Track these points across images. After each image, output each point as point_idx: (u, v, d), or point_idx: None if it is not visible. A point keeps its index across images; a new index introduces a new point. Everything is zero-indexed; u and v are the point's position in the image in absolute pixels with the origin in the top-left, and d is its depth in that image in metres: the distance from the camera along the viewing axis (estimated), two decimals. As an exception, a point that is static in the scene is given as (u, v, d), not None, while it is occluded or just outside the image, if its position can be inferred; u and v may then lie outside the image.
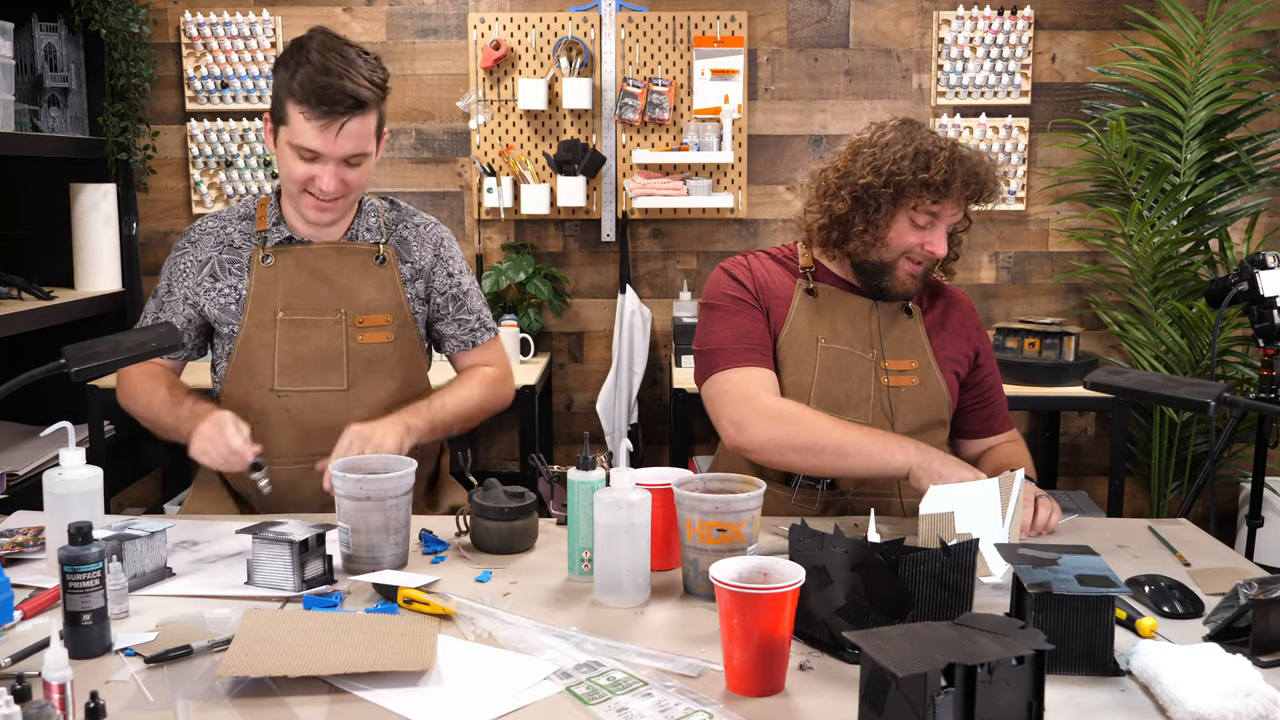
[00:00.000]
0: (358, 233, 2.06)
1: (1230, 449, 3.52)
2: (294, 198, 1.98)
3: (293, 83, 1.87)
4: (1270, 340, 2.53)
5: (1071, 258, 3.80)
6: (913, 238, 1.91)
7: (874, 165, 1.89)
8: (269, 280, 2.00)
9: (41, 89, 3.36)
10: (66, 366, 1.63)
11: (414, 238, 2.10)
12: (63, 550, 1.33)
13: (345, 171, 1.93)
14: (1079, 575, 1.34)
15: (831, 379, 1.94)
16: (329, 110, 1.86)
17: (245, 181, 3.77)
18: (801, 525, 1.42)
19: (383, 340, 2.03)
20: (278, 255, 2.01)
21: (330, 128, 1.88)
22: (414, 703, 1.23)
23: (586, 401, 3.86)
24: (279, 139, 1.94)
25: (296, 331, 1.99)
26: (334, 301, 2.01)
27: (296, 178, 1.93)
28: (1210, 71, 3.49)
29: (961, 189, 1.87)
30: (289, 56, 1.90)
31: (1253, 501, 2.69)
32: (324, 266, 2.02)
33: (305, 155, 1.91)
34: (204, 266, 2.03)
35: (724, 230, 3.80)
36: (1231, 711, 1.16)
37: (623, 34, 3.69)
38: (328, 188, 1.93)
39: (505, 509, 1.72)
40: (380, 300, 2.04)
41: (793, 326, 1.97)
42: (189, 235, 2.07)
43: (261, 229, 2.03)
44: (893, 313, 2.01)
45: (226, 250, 2.04)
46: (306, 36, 1.93)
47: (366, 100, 1.89)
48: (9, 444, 3.15)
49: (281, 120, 1.92)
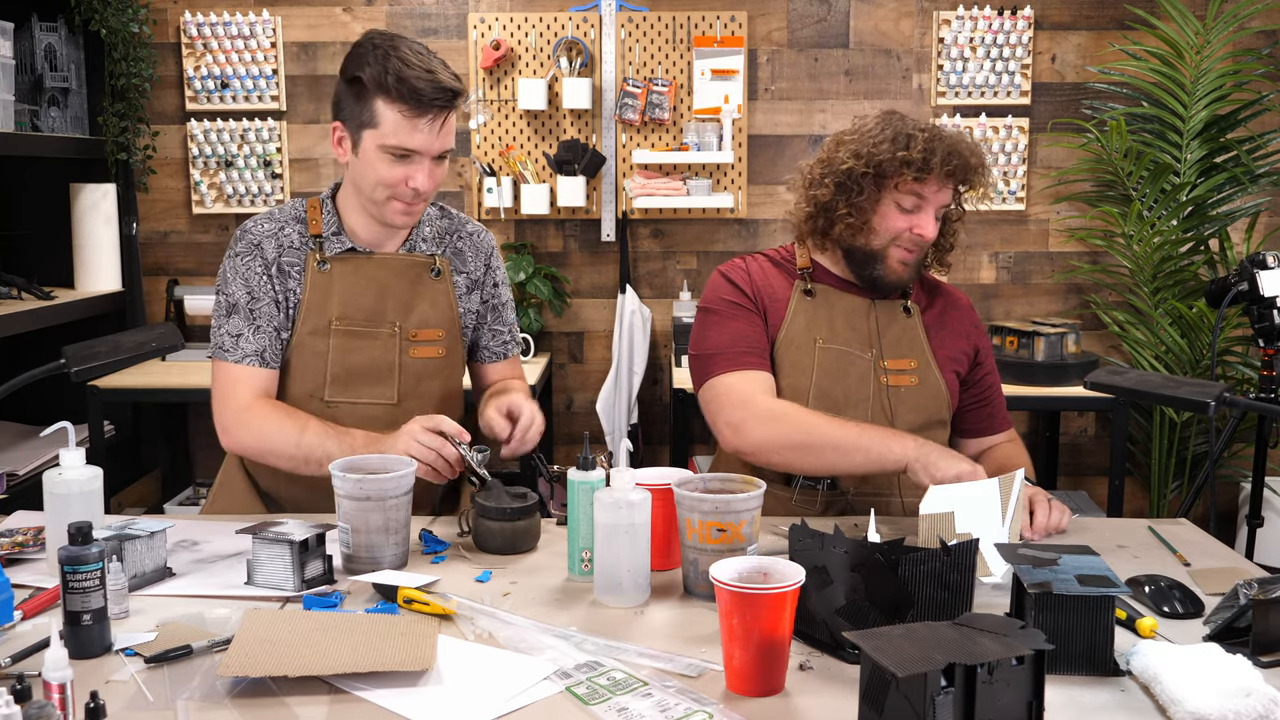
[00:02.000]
0: (415, 244, 2.01)
1: (1230, 449, 3.52)
2: (379, 204, 1.90)
3: (386, 79, 1.80)
4: (1270, 340, 2.53)
5: (1071, 258, 3.80)
6: (900, 221, 1.91)
7: (854, 150, 1.91)
8: (324, 287, 1.94)
9: (41, 89, 3.36)
10: (66, 366, 1.64)
11: (468, 248, 2.06)
12: (63, 550, 1.33)
13: (435, 169, 1.90)
14: (1079, 575, 1.34)
15: (830, 379, 1.94)
16: (431, 103, 1.82)
17: (245, 181, 3.77)
18: (801, 525, 1.42)
19: (433, 355, 2.00)
20: (334, 262, 1.95)
21: (434, 123, 1.84)
22: (414, 703, 1.23)
23: (586, 401, 3.86)
24: (361, 144, 1.86)
25: (350, 342, 1.95)
26: (389, 314, 1.97)
27: (390, 181, 1.86)
28: (1210, 71, 3.49)
29: (942, 165, 1.86)
30: (367, 57, 1.83)
31: (1253, 501, 2.69)
32: (381, 277, 1.97)
33: (399, 155, 1.85)
34: (271, 266, 1.94)
35: (724, 230, 3.80)
36: (1231, 711, 1.16)
37: (623, 34, 3.69)
38: (425, 186, 1.87)
39: (507, 509, 1.72)
40: (434, 315, 2.00)
41: (790, 328, 1.97)
42: (246, 239, 1.95)
43: (316, 233, 1.96)
44: (892, 312, 2.01)
45: (287, 251, 1.95)
46: (375, 36, 1.87)
47: (461, 91, 1.86)
48: (9, 444, 3.15)
49: (367, 124, 1.84)
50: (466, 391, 2.13)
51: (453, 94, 1.84)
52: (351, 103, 1.86)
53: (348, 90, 1.87)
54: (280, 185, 3.78)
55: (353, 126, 1.87)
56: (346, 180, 1.97)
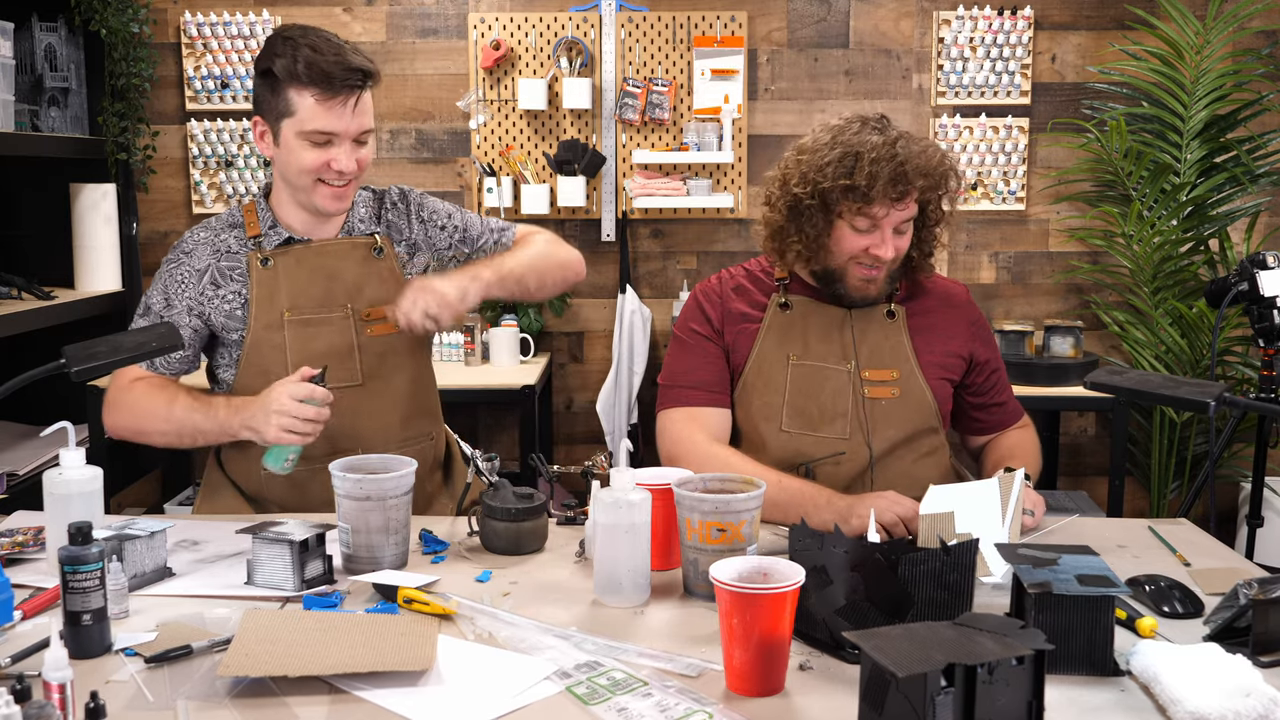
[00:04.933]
0: (353, 226, 2.04)
1: (1230, 449, 3.52)
2: (305, 191, 1.94)
3: (296, 67, 1.85)
4: (1270, 340, 2.53)
5: (1071, 258, 3.80)
6: (856, 242, 1.87)
7: (804, 174, 1.88)
8: (270, 282, 1.98)
9: (41, 89, 3.36)
10: (66, 366, 1.63)
11: (395, 215, 2.09)
12: (63, 550, 1.33)
13: (358, 150, 1.93)
14: (1079, 575, 1.34)
15: (803, 396, 1.93)
16: (343, 85, 1.86)
17: (245, 181, 3.77)
18: (801, 525, 1.42)
19: (392, 331, 2.00)
20: (276, 257, 1.99)
21: (346, 104, 1.88)
22: (414, 703, 1.23)
23: (586, 401, 3.86)
24: (281, 134, 1.91)
25: (305, 330, 1.98)
26: (340, 297, 2.00)
27: (311, 167, 1.90)
28: (1210, 71, 3.49)
29: (887, 190, 1.80)
30: (277, 49, 1.88)
31: (1253, 501, 2.69)
32: (326, 263, 2.01)
33: (318, 141, 1.89)
34: (204, 275, 1.98)
35: (724, 230, 3.80)
36: (1231, 711, 1.16)
37: (623, 34, 3.69)
38: (347, 167, 1.91)
39: (512, 510, 1.72)
40: (384, 292, 2.02)
41: (763, 345, 1.96)
42: (181, 247, 2.01)
43: (254, 234, 2.00)
44: (872, 319, 1.98)
45: (225, 257, 2.00)
46: (285, 29, 1.93)
47: (373, 71, 1.90)
48: (9, 444, 3.15)
49: (283, 113, 1.89)
50: None
51: (363, 74, 1.89)
52: (268, 95, 1.91)
53: (263, 84, 1.92)
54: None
55: (271, 119, 1.92)
56: (275, 176, 2.01)
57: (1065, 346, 3.33)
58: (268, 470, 1.84)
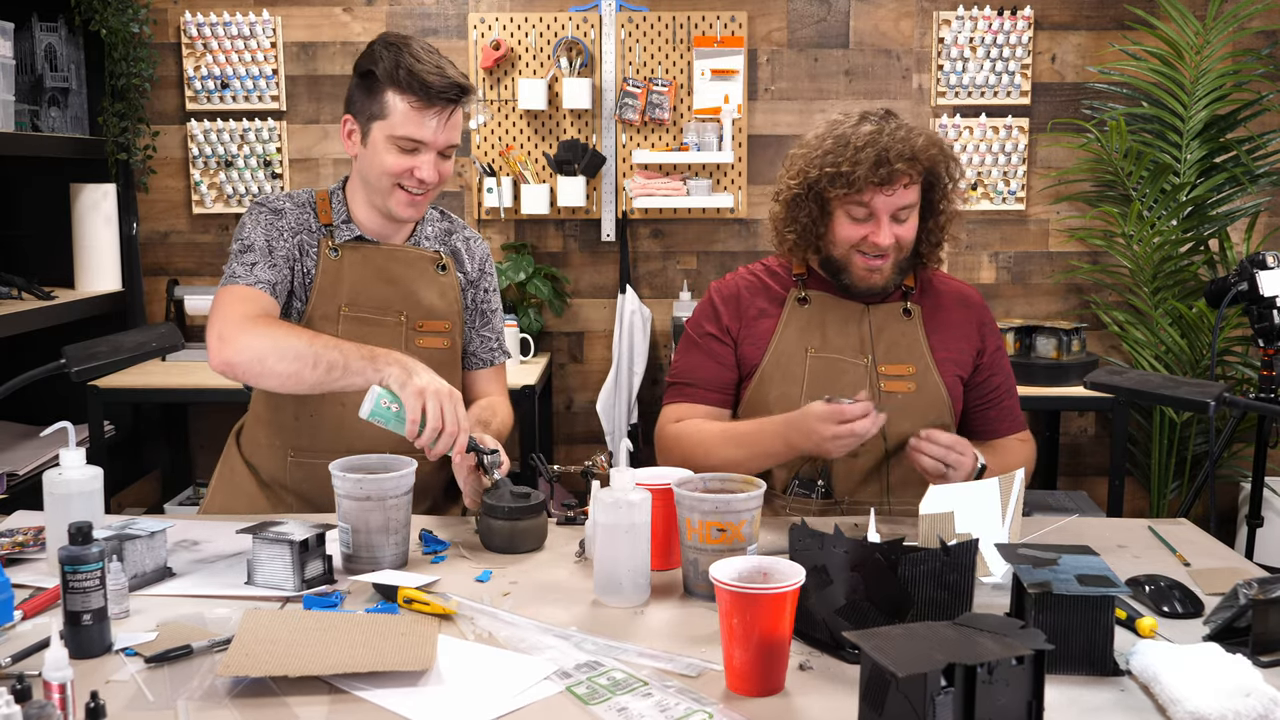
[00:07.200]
0: (420, 239, 2.06)
1: (1230, 449, 3.52)
2: (382, 194, 1.95)
3: (398, 72, 1.86)
4: (1270, 340, 2.53)
5: (1071, 258, 3.80)
6: (854, 231, 1.91)
7: (800, 168, 1.92)
8: (335, 273, 1.98)
9: (41, 89, 3.36)
10: (66, 366, 1.64)
11: (465, 250, 2.11)
12: (63, 550, 1.33)
13: (441, 163, 1.95)
14: (1079, 575, 1.34)
15: (820, 388, 1.93)
16: (439, 96, 1.88)
17: (245, 181, 3.77)
18: (801, 525, 1.42)
19: (439, 346, 2.02)
20: (345, 250, 1.99)
21: (439, 116, 1.89)
22: (414, 703, 1.23)
23: (586, 401, 3.86)
24: (370, 135, 1.91)
25: (359, 329, 1.97)
26: (397, 303, 2.00)
27: (394, 170, 1.91)
28: (1210, 71, 3.49)
29: (870, 174, 1.82)
30: (380, 53, 1.89)
31: (1253, 501, 2.69)
32: (390, 268, 2.01)
33: (406, 147, 1.90)
34: (296, 235, 1.97)
35: (724, 230, 3.80)
36: (1231, 711, 1.16)
37: (623, 34, 3.69)
38: (429, 178, 1.92)
39: (509, 509, 1.72)
40: (441, 306, 2.03)
41: (782, 339, 1.98)
42: (268, 204, 1.98)
43: (326, 221, 2.00)
44: (889, 315, 2.00)
45: (306, 232, 1.99)
46: (389, 36, 1.93)
47: (469, 89, 1.92)
48: (9, 444, 3.15)
49: (376, 115, 1.90)
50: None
51: (460, 89, 1.91)
52: (363, 96, 1.93)
53: (360, 84, 1.94)
54: (280, 185, 3.78)
55: (363, 119, 1.93)
56: (354, 174, 2.01)
57: (1065, 347, 3.33)
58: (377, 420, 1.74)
